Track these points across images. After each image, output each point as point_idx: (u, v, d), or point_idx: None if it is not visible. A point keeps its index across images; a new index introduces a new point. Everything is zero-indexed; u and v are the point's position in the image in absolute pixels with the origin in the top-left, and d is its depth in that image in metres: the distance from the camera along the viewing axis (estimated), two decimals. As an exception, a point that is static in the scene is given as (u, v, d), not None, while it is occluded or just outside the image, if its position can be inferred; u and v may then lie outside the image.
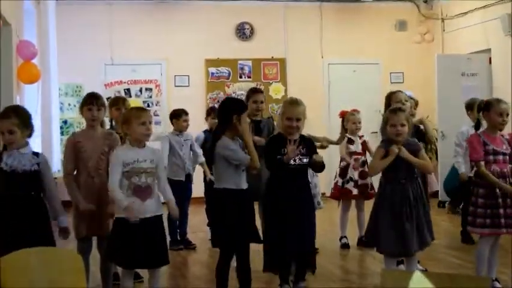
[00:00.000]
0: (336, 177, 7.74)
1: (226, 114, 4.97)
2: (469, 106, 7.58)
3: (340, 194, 7.65)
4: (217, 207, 5.02)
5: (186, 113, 7.90)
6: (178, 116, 7.89)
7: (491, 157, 5.33)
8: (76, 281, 3.03)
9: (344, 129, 7.76)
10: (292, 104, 5.42)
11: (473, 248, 6.94)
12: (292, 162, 5.21)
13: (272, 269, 5.49)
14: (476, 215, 5.31)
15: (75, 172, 5.32)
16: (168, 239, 6.20)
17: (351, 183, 7.55)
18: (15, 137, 4.63)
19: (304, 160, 5.28)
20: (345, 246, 7.54)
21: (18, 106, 5.83)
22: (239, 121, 4.90)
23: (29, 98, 9.13)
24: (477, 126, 5.73)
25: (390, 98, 6.34)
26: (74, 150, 5.28)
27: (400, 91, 6.48)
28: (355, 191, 7.53)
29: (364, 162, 7.59)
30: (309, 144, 5.39)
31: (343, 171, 7.61)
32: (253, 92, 6.80)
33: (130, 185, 4.59)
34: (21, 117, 4.72)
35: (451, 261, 6.73)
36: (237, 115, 4.90)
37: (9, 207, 4.61)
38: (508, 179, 5.28)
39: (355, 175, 7.56)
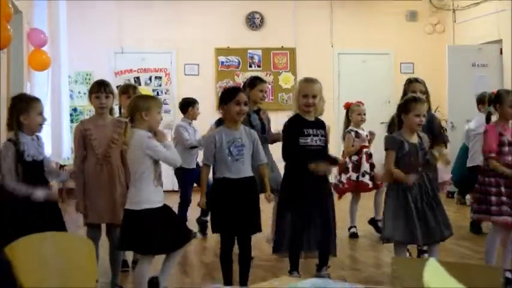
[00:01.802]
0: (348, 171, 7.65)
1: (219, 106, 5.11)
2: (481, 100, 7.55)
3: (355, 188, 7.58)
4: (216, 195, 5.02)
5: (197, 102, 7.94)
6: (189, 104, 7.89)
7: (506, 148, 5.31)
8: (88, 266, 3.04)
9: (348, 121, 7.74)
10: (308, 81, 5.47)
11: (481, 239, 6.97)
12: (313, 143, 5.26)
13: (281, 252, 5.52)
14: (491, 203, 5.30)
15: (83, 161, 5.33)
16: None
17: (367, 177, 7.53)
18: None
19: (323, 141, 5.34)
20: (354, 235, 7.54)
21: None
22: (225, 110, 4.99)
23: (39, 85, 9.15)
24: (488, 118, 5.69)
25: (408, 86, 6.28)
26: (82, 137, 5.27)
27: (417, 80, 6.37)
28: (370, 184, 7.53)
29: (371, 154, 7.60)
30: (324, 128, 5.44)
31: (356, 165, 7.57)
32: (258, 80, 6.77)
33: (156, 174, 4.61)
34: None
35: (460, 252, 6.71)
36: (223, 104, 4.99)
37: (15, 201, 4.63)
38: None
39: (367, 168, 7.55)
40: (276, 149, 6.08)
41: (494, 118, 5.57)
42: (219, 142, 4.95)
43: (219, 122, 5.60)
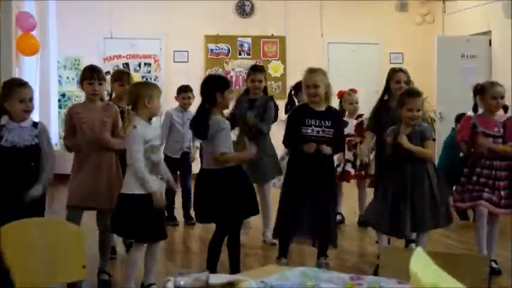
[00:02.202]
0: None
1: (209, 92, 4.95)
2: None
3: (339, 177, 7.58)
4: (215, 186, 4.96)
5: (188, 90, 7.85)
6: (179, 92, 7.87)
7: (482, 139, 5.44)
8: (75, 251, 3.04)
9: (342, 110, 7.66)
10: (309, 71, 5.49)
11: (465, 229, 7.05)
12: (314, 133, 5.27)
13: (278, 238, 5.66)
14: (473, 191, 5.41)
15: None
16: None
17: (349, 165, 7.51)
18: (33, 105, 4.67)
19: (329, 133, 5.32)
20: (339, 222, 7.49)
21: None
22: (223, 98, 4.93)
23: (27, 70, 9.10)
24: (475, 109, 5.74)
25: (390, 76, 6.29)
26: (71, 120, 5.24)
27: (401, 70, 6.37)
28: (352, 172, 7.52)
29: (356, 145, 7.43)
30: (336, 117, 5.46)
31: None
32: (252, 70, 6.78)
33: (148, 163, 4.59)
34: (32, 89, 4.81)
35: (445, 242, 6.76)
36: (220, 92, 4.92)
37: (7, 180, 4.61)
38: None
39: (351, 156, 7.51)
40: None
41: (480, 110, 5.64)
42: None
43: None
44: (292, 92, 7.52)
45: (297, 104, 7.02)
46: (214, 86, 4.99)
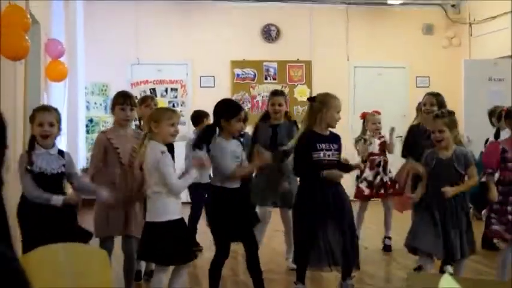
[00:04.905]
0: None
1: (216, 117, 5.10)
2: (492, 114, 7.58)
3: (356, 194, 7.70)
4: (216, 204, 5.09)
5: (208, 115, 7.87)
6: (205, 116, 7.87)
7: (509, 164, 5.32)
8: (102, 277, 3.05)
9: (364, 130, 7.87)
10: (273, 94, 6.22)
11: (495, 255, 6.92)
12: (327, 157, 5.27)
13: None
14: (493, 223, 5.32)
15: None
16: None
17: (364, 183, 7.62)
18: (54, 130, 4.68)
19: (337, 156, 5.36)
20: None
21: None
22: (229, 125, 5.00)
23: (55, 96, 9.20)
24: (497, 134, 5.68)
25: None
26: (104, 147, 5.26)
27: (431, 93, 6.66)
28: (367, 191, 7.59)
29: (380, 163, 7.67)
30: (340, 140, 5.49)
31: (360, 172, 7.67)
32: (272, 94, 6.82)
33: (164, 189, 4.62)
34: (58, 114, 4.81)
35: (475, 267, 6.66)
36: (224, 119, 4.99)
37: (37, 209, 4.64)
38: None
39: (370, 176, 7.63)
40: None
41: (505, 134, 5.57)
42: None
43: None
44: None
45: None
46: (221, 112, 5.07)
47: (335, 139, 5.45)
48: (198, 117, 7.96)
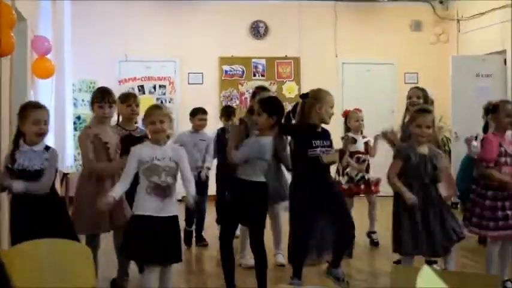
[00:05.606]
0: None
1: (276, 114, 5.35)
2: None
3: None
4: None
5: (203, 112, 7.89)
6: (192, 114, 7.89)
7: (503, 159, 5.32)
8: (84, 272, 3.04)
9: (347, 128, 7.87)
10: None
11: (483, 249, 6.94)
12: (321, 154, 5.31)
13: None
14: (484, 218, 5.31)
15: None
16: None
17: (345, 178, 7.66)
18: (47, 128, 4.67)
19: (329, 152, 5.38)
20: None
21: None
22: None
23: (42, 93, 9.15)
24: (485, 128, 5.69)
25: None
26: (92, 142, 5.24)
27: (416, 87, 6.65)
28: (346, 186, 7.60)
29: (365, 161, 7.75)
30: (330, 136, 5.56)
31: (342, 170, 7.72)
32: (257, 89, 6.88)
33: (150, 184, 4.59)
34: (48, 112, 4.81)
35: (463, 262, 6.69)
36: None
37: (20, 205, 4.61)
38: None
39: (353, 172, 7.68)
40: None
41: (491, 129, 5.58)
42: None
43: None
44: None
45: None
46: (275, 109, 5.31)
47: (327, 135, 5.49)
48: (190, 113, 7.97)
